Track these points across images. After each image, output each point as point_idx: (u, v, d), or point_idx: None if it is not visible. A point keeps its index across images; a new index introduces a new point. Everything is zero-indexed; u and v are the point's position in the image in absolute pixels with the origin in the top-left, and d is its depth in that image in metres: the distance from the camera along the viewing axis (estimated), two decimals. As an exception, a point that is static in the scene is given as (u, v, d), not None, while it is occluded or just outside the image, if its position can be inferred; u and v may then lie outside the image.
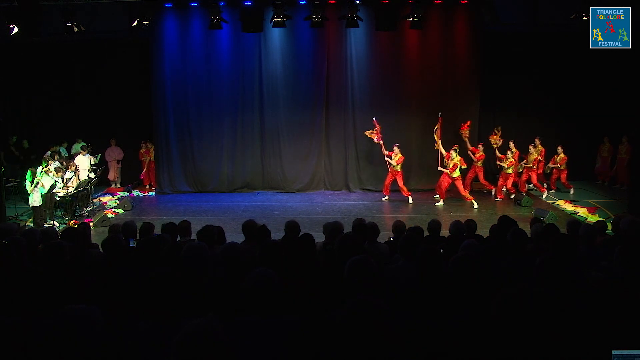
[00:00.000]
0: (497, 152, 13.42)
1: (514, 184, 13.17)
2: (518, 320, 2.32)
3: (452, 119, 13.85)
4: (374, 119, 12.77)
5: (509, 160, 12.62)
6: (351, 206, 12.39)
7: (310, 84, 13.60)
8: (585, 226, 5.30)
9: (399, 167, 12.53)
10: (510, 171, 12.68)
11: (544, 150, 13.63)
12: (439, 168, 12.37)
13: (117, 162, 14.98)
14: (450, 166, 11.99)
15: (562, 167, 13.42)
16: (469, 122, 13.30)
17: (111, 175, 14.88)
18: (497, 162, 13.16)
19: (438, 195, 12.51)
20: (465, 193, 12.26)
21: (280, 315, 2.65)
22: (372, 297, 2.32)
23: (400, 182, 12.67)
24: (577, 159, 14.68)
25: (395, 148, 12.51)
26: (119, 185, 14.89)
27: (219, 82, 13.57)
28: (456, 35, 13.56)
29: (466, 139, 13.24)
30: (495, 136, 13.83)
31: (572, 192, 13.41)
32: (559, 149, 13.48)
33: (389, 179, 12.75)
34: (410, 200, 12.55)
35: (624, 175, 14.00)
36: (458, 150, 12.26)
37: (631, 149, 13.62)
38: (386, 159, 12.61)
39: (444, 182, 12.23)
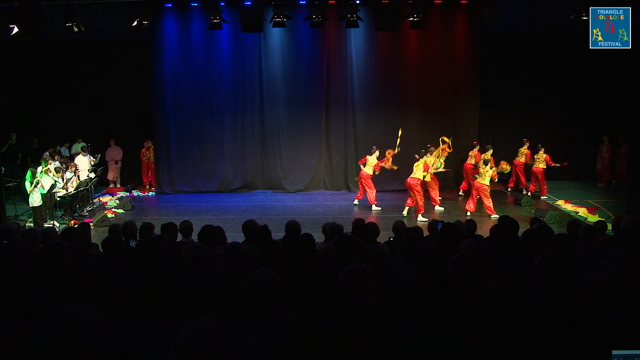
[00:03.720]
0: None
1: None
2: (489, 321, 2.32)
3: (452, 119, 13.87)
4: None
5: (487, 170, 11.00)
6: (351, 206, 12.38)
7: (310, 84, 13.60)
8: (585, 226, 5.30)
9: (369, 171, 11.84)
10: (486, 182, 10.99)
11: (529, 152, 13.39)
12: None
13: (115, 162, 14.95)
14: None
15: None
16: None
17: (110, 176, 14.87)
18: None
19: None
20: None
21: (280, 315, 2.64)
22: (372, 298, 2.32)
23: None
24: (577, 159, 14.71)
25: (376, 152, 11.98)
26: (118, 185, 14.88)
27: (219, 82, 13.57)
28: (456, 35, 13.56)
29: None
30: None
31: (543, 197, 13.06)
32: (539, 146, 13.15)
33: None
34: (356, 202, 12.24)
35: (606, 174, 14.59)
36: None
37: (612, 149, 14.28)
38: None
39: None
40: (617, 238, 5.05)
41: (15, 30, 10.42)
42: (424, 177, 11.20)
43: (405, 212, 11.39)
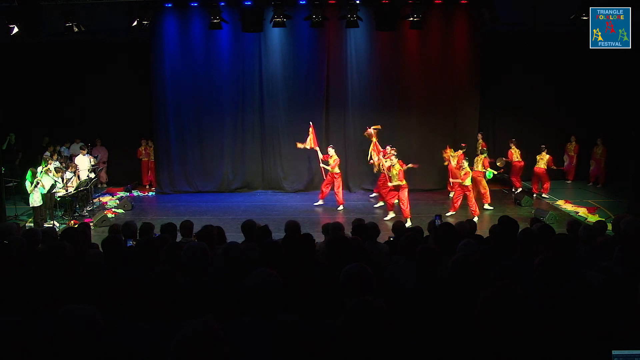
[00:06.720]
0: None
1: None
2: (502, 318, 2.31)
3: (452, 119, 13.87)
4: (310, 123, 12.44)
5: (465, 170, 11.03)
6: (351, 206, 12.37)
7: (310, 84, 13.60)
8: (585, 226, 5.30)
9: (337, 169, 11.98)
10: (467, 183, 10.96)
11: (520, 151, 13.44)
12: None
13: (103, 163, 14.85)
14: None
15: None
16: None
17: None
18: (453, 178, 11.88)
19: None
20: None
21: (280, 315, 2.64)
22: (372, 298, 2.32)
23: (337, 187, 12.03)
24: (577, 158, 14.73)
25: (330, 150, 12.11)
26: (104, 186, 14.80)
27: (219, 82, 13.57)
28: (456, 35, 13.55)
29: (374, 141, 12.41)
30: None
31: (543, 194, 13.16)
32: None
33: (326, 183, 12.16)
34: (341, 208, 12.00)
35: (572, 172, 14.80)
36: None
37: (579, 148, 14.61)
38: (322, 165, 12.18)
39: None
40: (617, 238, 5.05)
41: (15, 30, 10.42)
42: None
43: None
